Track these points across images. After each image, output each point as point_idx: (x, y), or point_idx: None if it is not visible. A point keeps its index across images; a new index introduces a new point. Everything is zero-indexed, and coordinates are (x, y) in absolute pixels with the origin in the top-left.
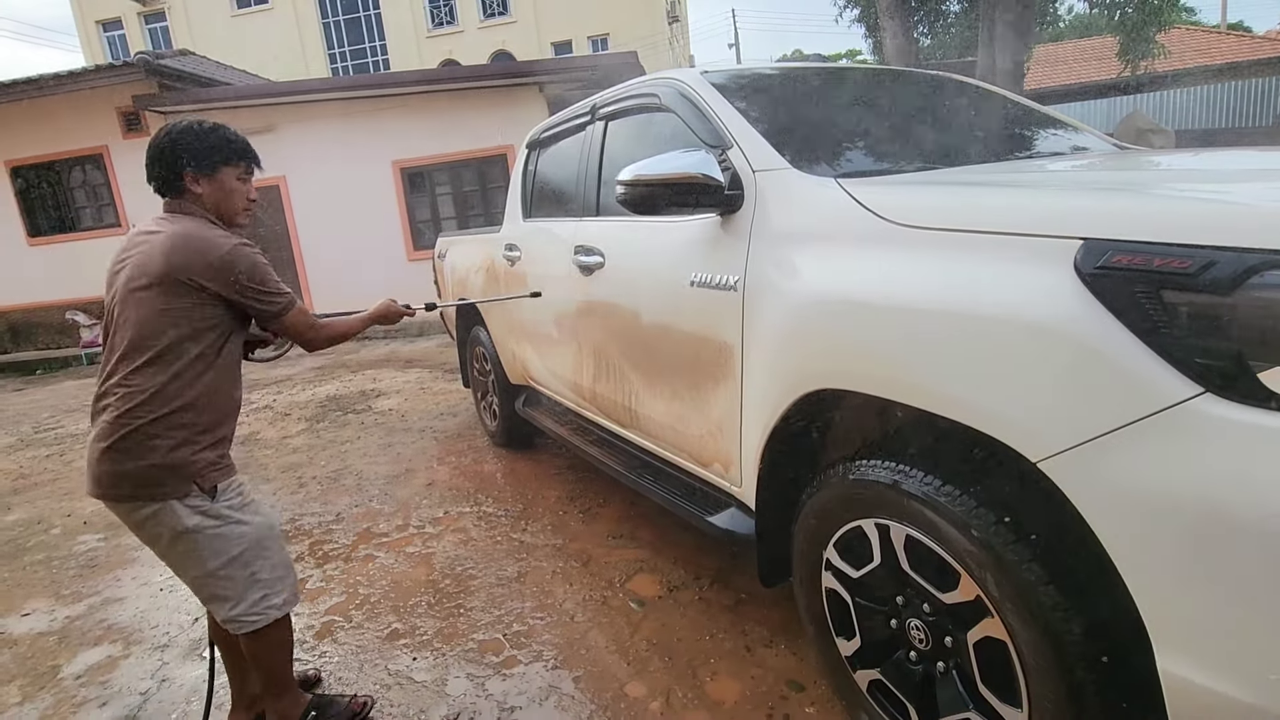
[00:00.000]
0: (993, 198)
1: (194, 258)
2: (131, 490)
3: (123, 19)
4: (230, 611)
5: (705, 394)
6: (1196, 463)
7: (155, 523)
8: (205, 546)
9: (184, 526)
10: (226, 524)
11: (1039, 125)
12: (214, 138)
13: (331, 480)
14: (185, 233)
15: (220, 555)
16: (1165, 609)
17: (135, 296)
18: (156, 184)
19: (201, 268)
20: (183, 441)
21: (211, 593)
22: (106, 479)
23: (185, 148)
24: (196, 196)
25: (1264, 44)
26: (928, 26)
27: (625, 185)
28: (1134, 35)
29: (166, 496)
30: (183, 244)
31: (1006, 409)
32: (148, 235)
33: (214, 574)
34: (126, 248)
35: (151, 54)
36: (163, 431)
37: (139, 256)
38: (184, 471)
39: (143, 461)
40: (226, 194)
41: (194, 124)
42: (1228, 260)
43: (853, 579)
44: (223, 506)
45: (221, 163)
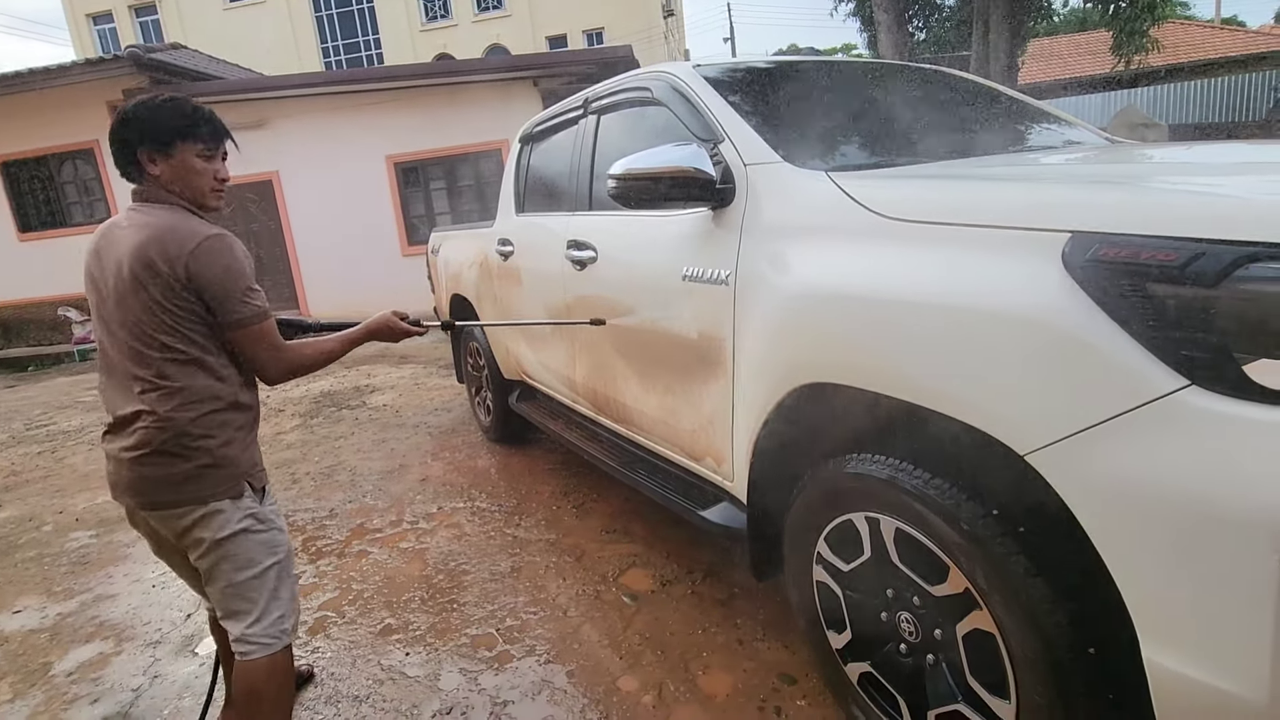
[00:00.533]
0: (982, 191)
1: (171, 246)
2: (177, 495)
3: (113, 12)
4: (250, 628)
5: (697, 388)
6: (1182, 455)
7: (201, 527)
8: (248, 551)
9: (232, 529)
10: (270, 529)
11: (1031, 119)
12: (167, 110)
13: (325, 476)
14: (158, 223)
15: (257, 564)
16: (1150, 600)
17: (125, 298)
18: (120, 169)
19: (175, 257)
20: (230, 439)
21: (236, 606)
22: (148, 486)
23: (137, 125)
24: (154, 179)
25: (1258, 38)
26: (922, 21)
27: (616, 179)
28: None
29: (220, 496)
30: (154, 235)
31: (994, 402)
32: (123, 230)
33: (246, 583)
34: (103, 245)
35: (142, 48)
36: (211, 429)
37: (120, 253)
38: (235, 469)
39: (193, 462)
40: (188, 174)
41: (147, 98)
42: (1214, 253)
43: (843, 572)
44: (268, 510)
45: (178, 138)
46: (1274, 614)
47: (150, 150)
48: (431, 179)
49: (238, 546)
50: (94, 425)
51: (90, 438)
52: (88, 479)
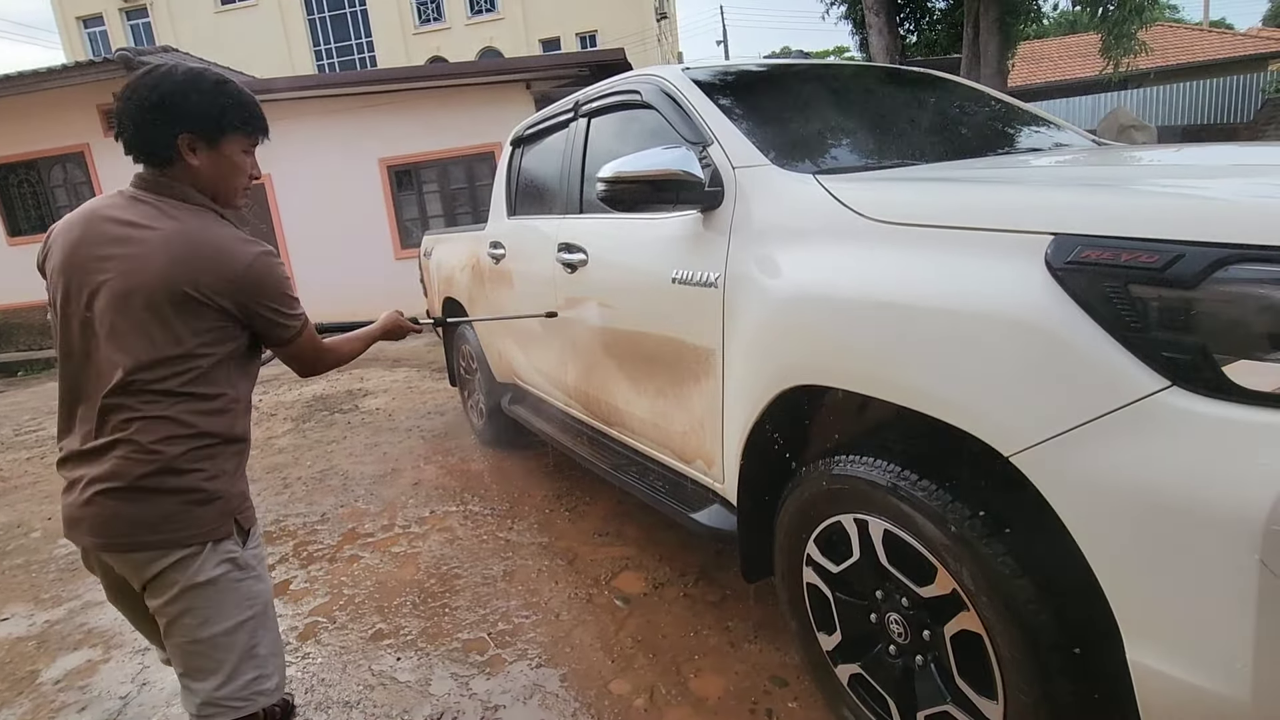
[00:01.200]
0: (967, 193)
1: (206, 269)
2: (152, 536)
3: (104, 15)
4: (216, 691)
5: (687, 391)
6: (1163, 455)
7: (175, 571)
8: (220, 602)
9: (206, 576)
10: (248, 577)
11: (1019, 122)
12: (223, 96)
13: (317, 480)
14: (190, 235)
15: (229, 617)
16: (1133, 600)
17: (133, 318)
18: (136, 148)
19: (214, 281)
20: (220, 472)
21: (199, 665)
22: (121, 525)
23: (186, 105)
24: (188, 169)
25: (1246, 41)
26: (913, 24)
27: (606, 183)
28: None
29: (204, 539)
30: (189, 251)
31: (979, 403)
32: (129, 228)
33: (213, 640)
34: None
35: (133, 50)
36: (197, 463)
37: (130, 261)
38: (224, 505)
39: (177, 498)
40: (229, 170)
41: (195, 74)
42: (1193, 254)
43: (833, 574)
44: (250, 554)
45: (230, 129)
46: (1255, 612)
47: (195, 137)
48: (424, 182)
49: (209, 598)
50: None
51: None
52: None
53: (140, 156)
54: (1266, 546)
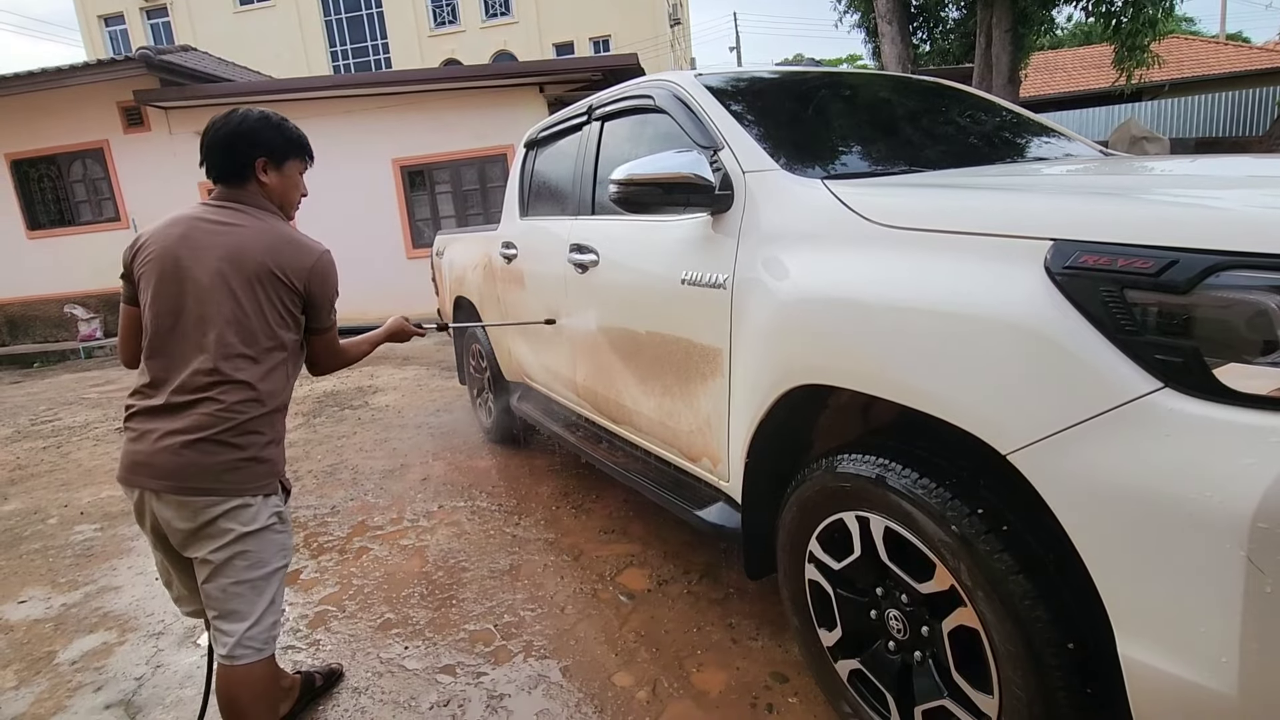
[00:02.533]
0: (970, 199)
1: (293, 257)
2: (218, 483)
3: (125, 14)
4: (248, 631)
5: (694, 390)
6: (1155, 455)
7: (230, 518)
8: (264, 549)
9: (260, 524)
10: (286, 530)
11: (1028, 132)
12: (286, 130)
13: (327, 474)
14: (277, 230)
15: (267, 564)
16: (1125, 596)
17: (231, 290)
18: (223, 169)
19: (298, 268)
20: (274, 439)
21: (235, 606)
22: (189, 471)
23: (262, 136)
24: (262, 186)
25: (1262, 55)
26: (926, 33)
27: (619, 184)
28: (1128, 44)
29: (258, 491)
30: (282, 242)
31: (979, 403)
32: (227, 226)
33: (252, 583)
34: (192, 235)
35: (153, 49)
36: (262, 427)
37: (230, 249)
38: (273, 468)
39: (242, 454)
40: (289, 187)
41: (266, 114)
42: (1186, 261)
43: (834, 571)
44: (288, 511)
45: (292, 154)
46: (1242, 609)
47: (268, 160)
48: (437, 182)
49: (259, 543)
50: (99, 421)
51: (96, 433)
52: (93, 474)
53: (224, 176)
54: (1253, 543)
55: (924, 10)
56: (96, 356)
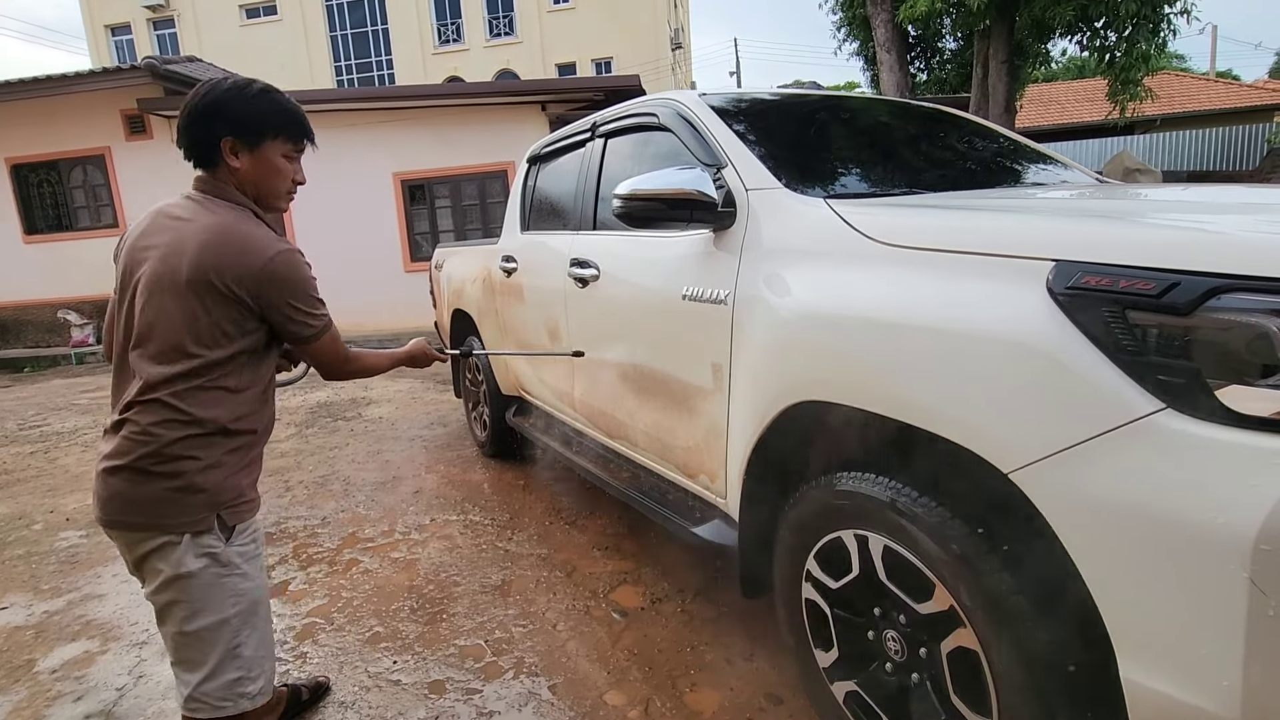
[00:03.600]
0: (972, 220)
1: (229, 260)
2: (145, 518)
3: (131, 24)
4: (201, 686)
5: (693, 406)
6: (1157, 475)
7: (159, 557)
8: (203, 597)
9: (185, 568)
10: (231, 574)
11: (1026, 158)
12: (263, 103)
13: (319, 485)
14: (222, 227)
15: (210, 613)
16: (1127, 618)
17: (162, 295)
18: (190, 152)
19: (236, 273)
20: (214, 463)
21: (186, 656)
22: (117, 503)
23: (227, 110)
24: (233, 171)
25: (1252, 92)
26: (924, 62)
27: (622, 199)
28: (1122, 78)
29: (183, 529)
30: (217, 241)
31: (980, 421)
32: (176, 221)
33: (196, 634)
34: (149, 230)
35: (158, 59)
36: (194, 450)
37: (165, 248)
38: (211, 498)
39: (167, 484)
40: (269, 173)
41: (240, 83)
42: (1188, 283)
43: (832, 590)
44: (234, 551)
45: (269, 135)
46: (1245, 632)
47: (237, 140)
48: (437, 197)
49: (192, 590)
50: (88, 427)
51: (84, 439)
52: (80, 480)
53: (193, 161)
54: (1255, 565)
55: (921, 40)
56: (88, 362)
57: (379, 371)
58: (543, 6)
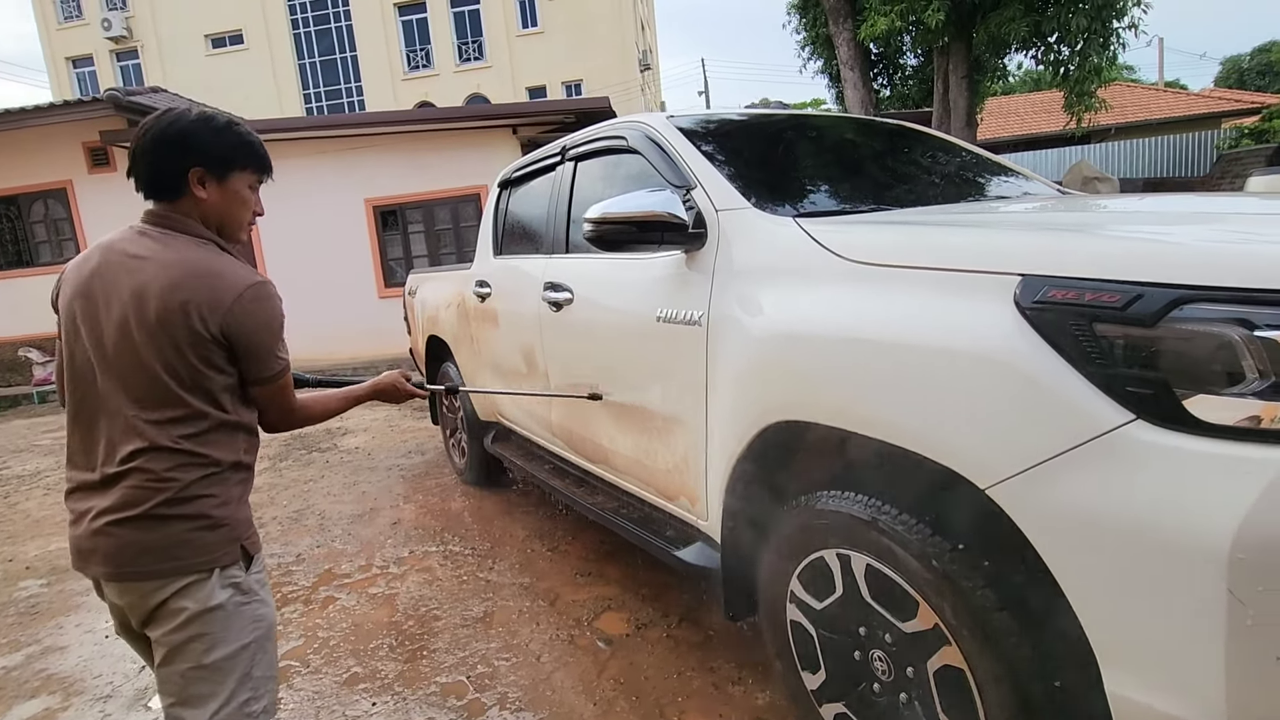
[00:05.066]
0: (940, 236)
1: (206, 295)
2: (169, 562)
3: (94, 55)
4: (214, 716)
5: (671, 428)
6: (1130, 487)
7: (183, 597)
8: (223, 628)
9: (215, 601)
10: (252, 601)
11: (989, 172)
12: (231, 135)
13: (293, 520)
14: (189, 262)
15: (231, 642)
16: (1109, 631)
17: (135, 343)
18: (149, 181)
19: (211, 308)
20: (228, 499)
21: (195, 691)
22: (130, 553)
23: (195, 141)
24: (197, 202)
25: (1199, 100)
26: (886, 79)
27: (593, 223)
28: (1076, 90)
29: (212, 564)
30: (192, 277)
31: (956, 438)
32: (135, 260)
33: (216, 665)
34: (101, 270)
35: (122, 91)
36: (208, 489)
37: (133, 296)
38: (231, 532)
39: (189, 525)
40: (234, 204)
41: (207, 114)
42: (1151, 294)
43: (816, 611)
44: (253, 579)
45: (238, 166)
46: (1225, 640)
47: (206, 171)
48: (410, 222)
49: (216, 623)
50: (50, 469)
51: (46, 482)
52: (40, 525)
53: (152, 191)
54: (1232, 575)
55: (884, 57)
56: (51, 401)
57: (332, 416)
58: (511, 31)
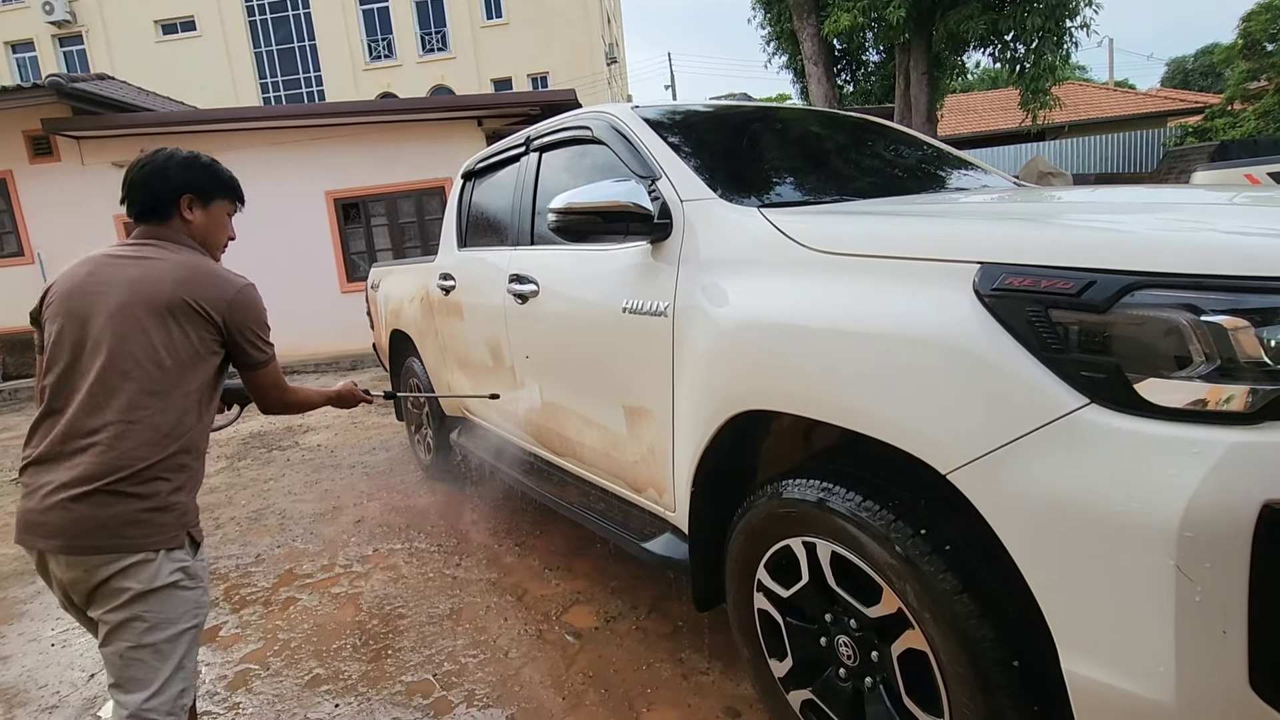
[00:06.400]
0: (902, 225)
1: (209, 290)
2: (115, 538)
3: (35, 40)
4: (148, 702)
5: (638, 420)
6: (1084, 469)
7: (126, 576)
8: (168, 609)
9: (161, 581)
10: (197, 587)
11: (949, 165)
12: (214, 171)
13: (252, 520)
14: (194, 263)
15: (172, 625)
16: (1065, 610)
17: (135, 323)
18: (145, 206)
19: (214, 299)
20: (181, 485)
21: (135, 674)
22: (82, 527)
23: (187, 174)
24: (185, 224)
25: (1147, 99)
26: (849, 74)
27: (558, 213)
28: (1032, 87)
29: (159, 546)
30: (196, 271)
31: (917, 424)
32: (137, 260)
33: (154, 647)
34: (97, 272)
35: (65, 77)
36: (165, 473)
37: (135, 283)
38: (179, 518)
39: (140, 505)
40: (215, 227)
41: (194, 155)
42: (1103, 281)
43: (783, 599)
44: (199, 566)
45: (219, 195)
46: (1174, 617)
47: (194, 198)
48: (373, 215)
49: (162, 603)
50: (5, 468)
51: None
52: None
53: (145, 213)
54: (1180, 552)
55: (847, 53)
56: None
57: (312, 407)
58: (476, 22)
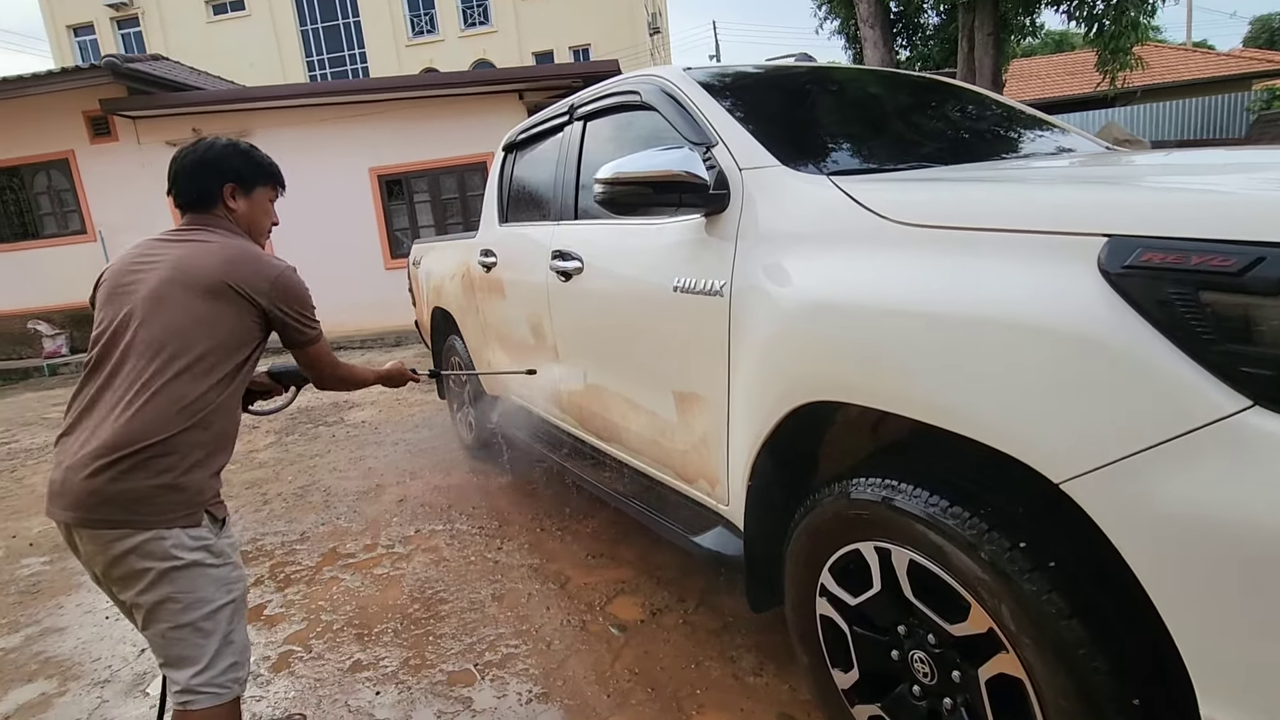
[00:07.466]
0: (1004, 193)
1: (252, 270)
2: (126, 514)
3: (95, 24)
4: (196, 677)
5: (689, 407)
6: (1245, 484)
7: (143, 554)
8: (198, 588)
9: (183, 559)
10: (223, 564)
11: (1027, 126)
12: (255, 158)
13: (298, 497)
14: (240, 246)
15: (208, 603)
16: (1211, 650)
17: (174, 299)
18: (190, 195)
19: (257, 281)
20: (198, 463)
21: (180, 652)
22: (96, 499)
23: (230, 163)
24: (229, 211)
25: (1229, 61)
26: (906, 39)
27: (604, 184)
28: (1111, 46)
29: (171, 523)
30: (240, 255)
31: (1023, 425)
32: (183, 242)
33: (194, 625)
34: (147, 252)
35: (120, 57)
36: (182, 449)
37: (178, 261)
38: (197, 496)
39: (153, 480)
40: (259, 213)
41: (234, 143)
42: (1276, 257)
43: (850, 606)
44: (225, 543)
45: (261, 182)
46: None
47: (236, 186)
48: (415, 191)
49: (189, 581)
50: None
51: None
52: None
53: (190, 203)
54: None
55: (904, 16)
56: (62, 374)
57: (363, 384)
58: None
